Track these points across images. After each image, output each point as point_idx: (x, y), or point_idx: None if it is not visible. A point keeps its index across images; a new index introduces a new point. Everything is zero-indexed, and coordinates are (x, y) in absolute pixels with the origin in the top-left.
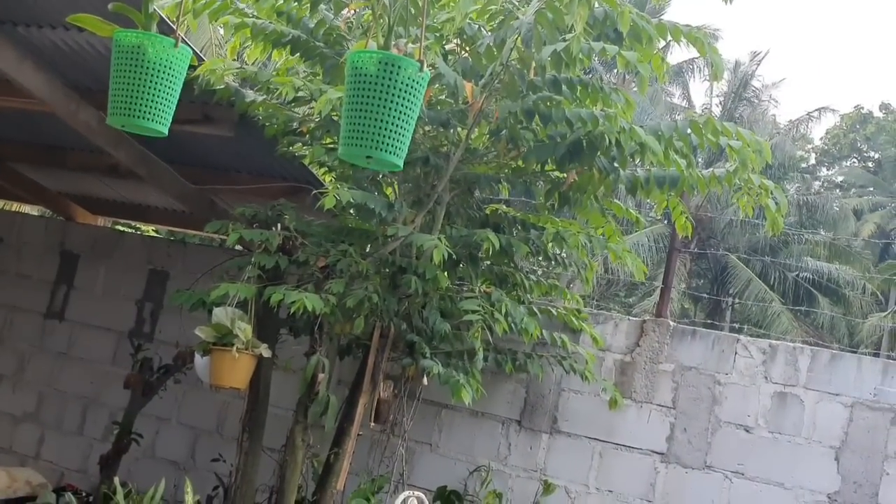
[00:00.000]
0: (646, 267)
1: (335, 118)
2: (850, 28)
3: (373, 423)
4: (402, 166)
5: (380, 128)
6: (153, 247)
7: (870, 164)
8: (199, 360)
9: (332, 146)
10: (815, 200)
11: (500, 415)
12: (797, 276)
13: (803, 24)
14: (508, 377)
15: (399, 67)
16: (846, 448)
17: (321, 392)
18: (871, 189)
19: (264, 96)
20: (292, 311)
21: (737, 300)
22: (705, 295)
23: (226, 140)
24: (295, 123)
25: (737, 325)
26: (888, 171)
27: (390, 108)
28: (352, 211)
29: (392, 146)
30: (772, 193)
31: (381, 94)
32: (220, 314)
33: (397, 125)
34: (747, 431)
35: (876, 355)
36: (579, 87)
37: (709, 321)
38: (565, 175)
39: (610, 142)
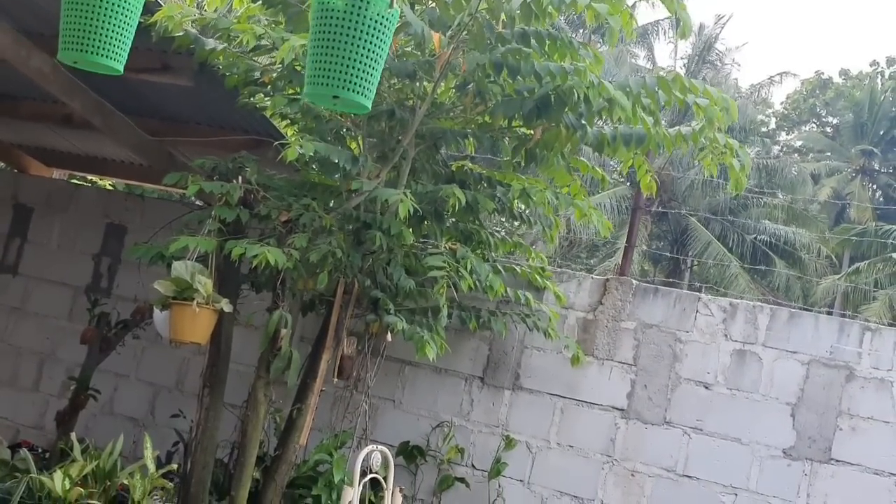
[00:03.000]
0: (611, 225)
1: (298, 68)
2: None
3: (336, 379)
4: (369, 108)
5: (347, 66)
6: (110, 200)
7: (828, 130)
8: (159, 315)
9: (294, 97)
10: (774, 164)
11: (463, 371)
12: (755, 238)
13: None
14: (472, 334)
15: (368, 2)
16: (802, 404)
17: (284, 348)
18: (829, 154)
19: (224, 45)
20: (254, 265)
21: (696, 261)
22: (667, 254)
23: (185, 90)
24: (256, 73)
25: (696, 286)
26: (845, 136)
27: (358, 46)
28: (315, 165)
29: (360, 86)
30: (736, 153)
31: (349, 31)
32: (180, 268)
33: (365, 64)
34: (706, 388)
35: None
36: (548, 41)
37: (669, 281)
38: (532, 131)
39: (578, 97)
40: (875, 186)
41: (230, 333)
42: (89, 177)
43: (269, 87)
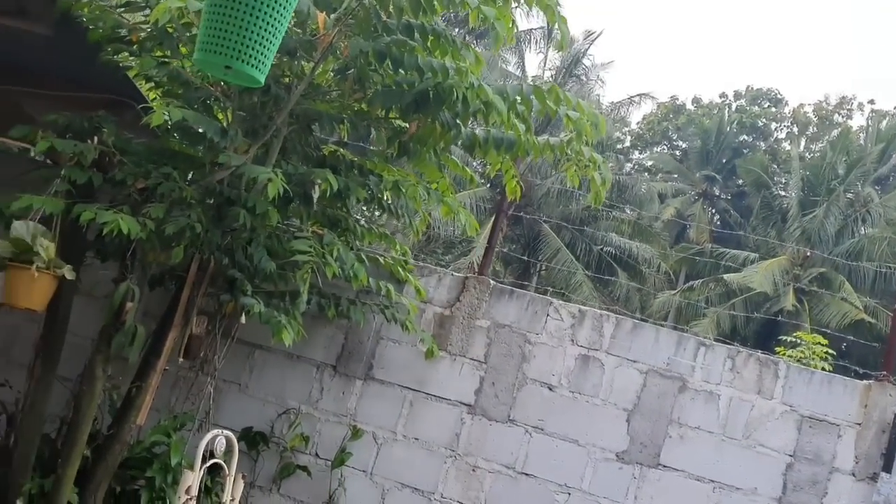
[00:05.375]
0: (478, 224)
1: (170, 30)
2: (678, 20)
3: (181, 359)
4: (262, 82)
5: (244, 37)
6: None
7: (677, 153)
8: None
9: (163, 59)
10: (625, 181)
11: (315, 359)
12: (602, 249)
13: (637, 10)
14: (328, 322)
15: None
16: (637, 411)
17: (128, 322)
18: (676, 176)
19: None
20: (104, 232)
21: (545, 266)
22: (519, 256)
23: (41, 39)
24: (124, 31)
25: (544, 289)
26: (692, 160)
27: (258, 17)
28: (177, 134)
29: (255, 59)
30: (599, 167)
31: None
32: (21, 228)
33: (263, 36)
34: (550, 389)
35: None
36: (432, 37)
37: (518, 282)
38: (408, 125)
39: (457, 96)
40: (714, 210)
41: (70, 302)
42: None
43: (136, 46)
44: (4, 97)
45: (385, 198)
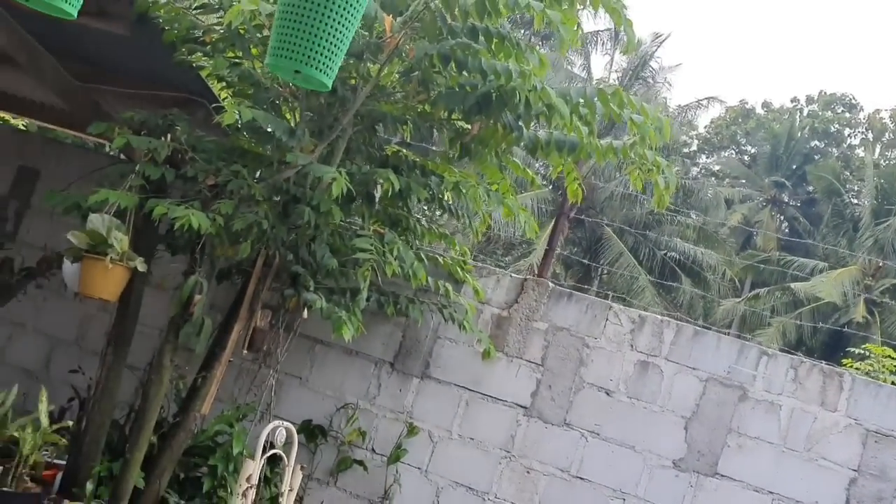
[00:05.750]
0: (537, 226)
1: (242, 32)
2: (748, 23)
3: (245, 351)
4: (330, 87)
5: (313, 42)
6: (26, 141)
7: (745, 158)
8: (69, 267)
9: (235, 60)
10: (691, 185)
11: (374, 355)
12: (665, 254)
13: (706, 12)
14: (387, 319)
15: None
16: (695, 419)
17: (196, 314)
18: (744, 181)
19: None
20: (176, 227)
21: (607, 270)
22: (581, 260)
23: (119, 39)
24: (198, 31)
25: (605, 294)
26: (761, 166)
27: (327, 23)
28: (246, 132)
29: (324, 63)
30: (663, 171)
31: (319, 5)
32: (97, 221)
33: (332, 41)
34: (608, 395)
35: None
36: (496, 39)
37: (578, 286)
38: (470, 126)
39: (520, 99)
40: (783, 217)
41: (141, 293)
42: (1, 114)
43: (210, 46)
44: (84, 95)
45: (446, 198)
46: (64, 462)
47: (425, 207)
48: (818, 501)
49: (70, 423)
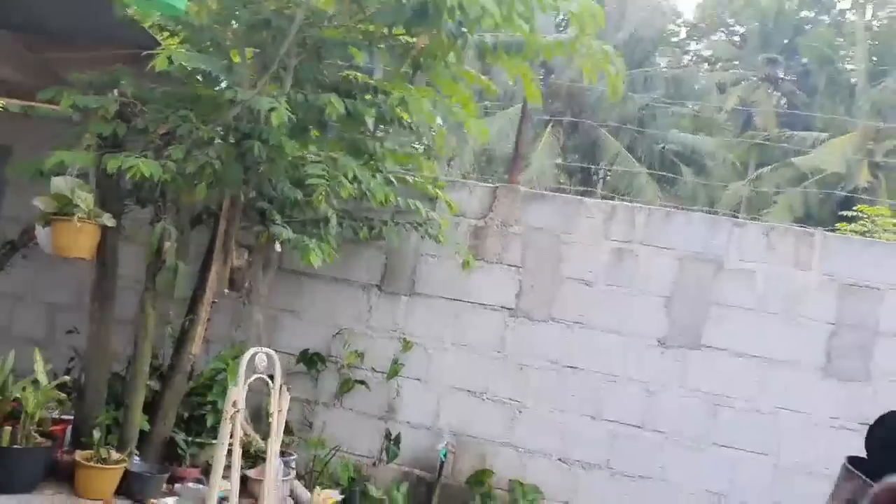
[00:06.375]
0: (488, 132)
1: None
2: None
3: (227, 291)
4: (183, 10)
5: None
6: None
7: (736, 39)
8: (42, 231)
9: None
10: (681, 74)
11: (360, 280)
12: (663, 147)
13: None
14: (368, 245)
15: None
16: (675, 297)
17: (169, 260)
18: (736, 63)
19: None
20: (129, 177)
21: (608, 171)
22: (584, 165)
23: (67, 3)
24: None
25: (610, 196)
26: (752, 44)
27: None
28: (199, 78)
29: None
30: (612, 60)
31: None
32: (59, 183)
33: None
34: (588, 286)
35: None
36: None
37: (582, 190)
38: (416, 40)
39: (453, 4)
40: (779, 94)
41: (115, 248)
42: None
43: None
44: (42, 64)
45: (402, 117)
46: (72, 417)
47: (390, 130)
48: (800, 358)
49: (66, 378)
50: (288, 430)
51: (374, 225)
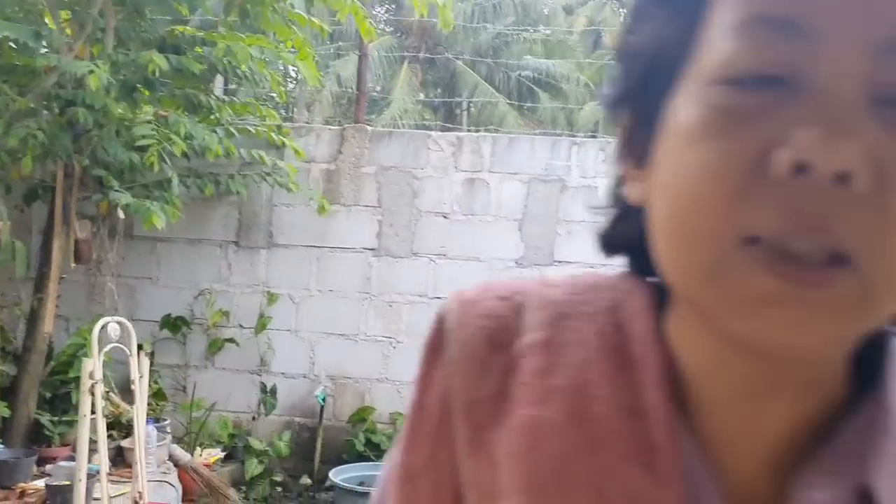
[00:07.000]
0: (319, 74)
1: None
2: None
3: (74, 264)
4: None
5: None
6: None
7: None
8: None
9: None
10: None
11: (216, 238)
12: (519, 75)
13: None
14: (220, 201)
15: None
16: (526, 219)
17: (3, 239)
18: None
19: None
20: None
21: (469, 104)
22: (444, 99)
23: None
24: None
25: (476, 129)
26: None
27: None
28: (13, 45)
29: None
30: None
31: None
32: None
33: None
34: (445, 217)
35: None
36: None
37: (447, 125)
38: None
39: None
40: (625, 10)
41: None
42: None
43: None
44: None
45: (224, 65)
46: None
47: (241, 84)
48: None
49: None
50: (161, 396)
51: (221, 180)
